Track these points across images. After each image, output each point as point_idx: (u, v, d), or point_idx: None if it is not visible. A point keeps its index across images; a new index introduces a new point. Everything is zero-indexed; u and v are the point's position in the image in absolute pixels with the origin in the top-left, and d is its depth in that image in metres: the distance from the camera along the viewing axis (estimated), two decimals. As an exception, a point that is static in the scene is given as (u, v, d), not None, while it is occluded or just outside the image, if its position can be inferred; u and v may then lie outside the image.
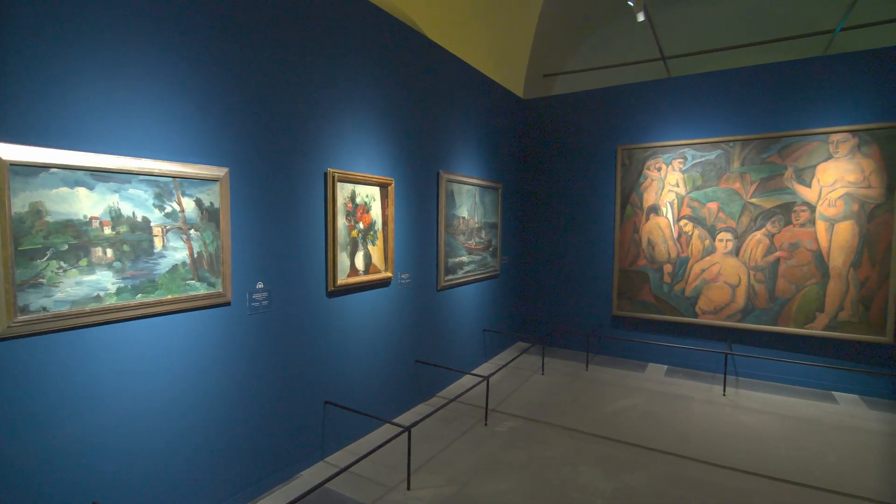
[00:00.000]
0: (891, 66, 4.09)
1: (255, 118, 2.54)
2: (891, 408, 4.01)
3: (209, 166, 2.29)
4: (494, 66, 5.39)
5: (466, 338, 4.78)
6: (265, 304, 2.61)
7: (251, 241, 2.54)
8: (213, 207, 2.31)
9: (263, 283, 2.60)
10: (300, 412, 2.87)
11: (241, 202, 2.48)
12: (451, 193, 4.32)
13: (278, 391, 2.73)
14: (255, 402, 2.59)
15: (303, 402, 2.89)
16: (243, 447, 2.54)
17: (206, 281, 2.30)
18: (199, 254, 2.27)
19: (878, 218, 4.08)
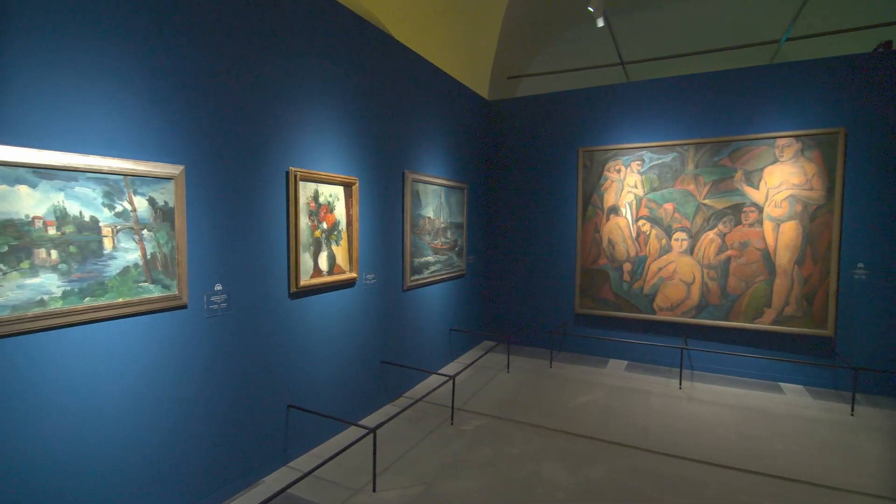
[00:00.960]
0: (831, 75, 4.35)
1: (213, 115, 2.46)
2: (832, 397, 4.28)
3: (163, 164, 2.20)
4: (460, 67, 5.43)
5: (433, 337, 4.78)
6: (224, 306, 2.54)
7: (209, 241, 2.46)
8: (167, 207, 2.23)
9: (222, 285, 2.53)
10: (262, 417, 2.81)
11: (198, 201, 2.40)
12: (416, 193, 4.31)
13: (239, 396, 2.65)
14: (215, 407, 2.52)
15: (265, 406, 2.82)
16: (202, 454, 2.45)
17: (160, 283, 2.21)
18: (153, 255, 2.18)
19: (820, 218, 4.35)
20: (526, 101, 5.83)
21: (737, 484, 2.86)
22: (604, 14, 4.35)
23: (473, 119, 5.60)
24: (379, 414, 3.80)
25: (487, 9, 5.46)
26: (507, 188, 5.93)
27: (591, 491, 2.76)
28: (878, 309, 4.25)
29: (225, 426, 2.57)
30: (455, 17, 5.44)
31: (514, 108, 5.88)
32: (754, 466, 3.06)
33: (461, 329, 5.36)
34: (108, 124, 2.02)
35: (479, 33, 5.60)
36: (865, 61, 4.28)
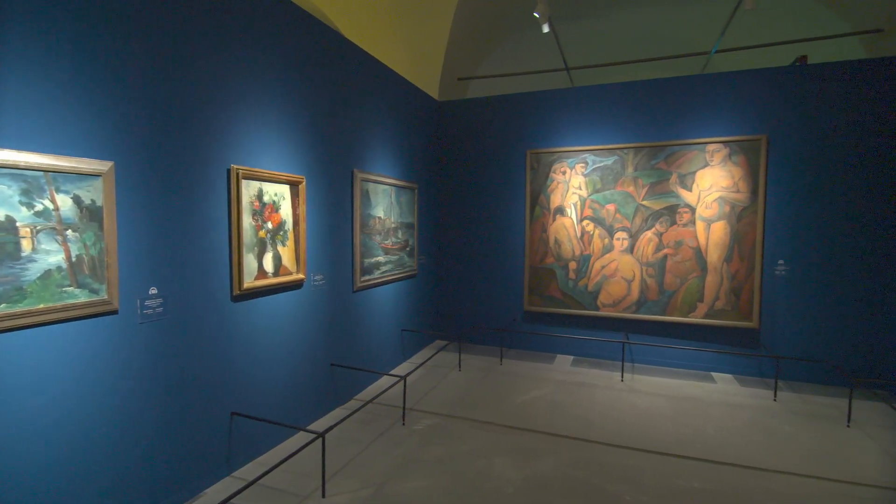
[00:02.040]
0: (755, 86, 4.70)
1: (146, 109, 2.33)
2: (758, 384, 4.62)
3: (89, 160, 2.06)
4: (410, 67, 5.43)
5: (384, 338, 4.75)
6: (160, 311, 2.41)
7: (142, 242, 2.33)
8: (94, 205, 2.09)
9: (157, 289, 2.40)
10: (203, 426, 2.69)
11: (130, 200, 2.26)
12: (366, 193, 4.27)
13: (177, 405, 2.52)
14: (151, 418, 2.38)
15: (206, 414, 2.70)
16: (136, 469, 2.32)
17: (87, 287, 2.07)
18: (79, 257, 2.04)
19: (746, 218, 4.68)
20: (476, 103, 5.91)
21: (672, 469, 3.03)
22: (549, 20, 4.47)
23: (424, 119, 5.62)
24: (329, 418, 3.74)
25: (437, 10, 5.49)
26: (458, 188, 5.99)
27: (539, 483, 2.84)
28: (797, 302, 4.63)
29: (161, 438, 2.44)
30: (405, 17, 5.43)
31: (464, 109, 5.95)
32: (688, 452, 3.25)
33: (413, 329, 5.36)
34: (26, 117, 1.87)
35: (429, 34, 5.62)
36: (784, 74, 4.65)
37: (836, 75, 4.47)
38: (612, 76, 7.18)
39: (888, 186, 4.34)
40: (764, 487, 2.82)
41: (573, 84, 7.41)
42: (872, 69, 4.38)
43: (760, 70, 4.72)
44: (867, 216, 4.41)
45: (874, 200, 4.39)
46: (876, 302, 4.41)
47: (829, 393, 4.35)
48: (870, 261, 4.42)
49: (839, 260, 4.50)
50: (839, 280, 4.50)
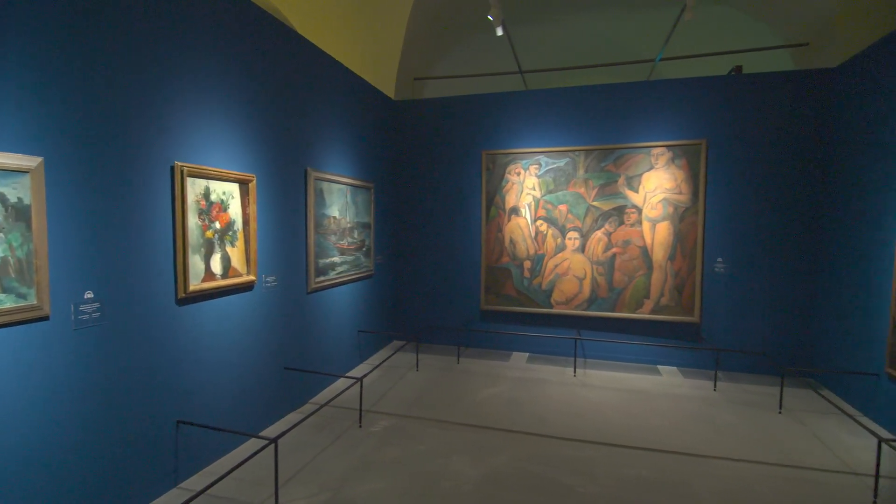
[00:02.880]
0: (695, 93, 4.96)
1: (81, 102, 2.19)
2: (699, 375, 4.88)
3: (14, 154, 1.92)
4: (366, 66, 5.37)
5: (340, 340, 4.68)
6: (96, 316, 2.27)
7: (77, 243, 2.19)
8: (21, 204, 1.94)
9: (94, 293, 2.26)
10: (146, 436, 2.55)
11: (62, 198, 2.12)
12: (320, 192, 4.19)
13: (118, 415, 2.39)
14: (89, 429, 2.24)
15: (149, 424, 2.57)
16: (76, 484, 2.17)
17: (13, 292, 1.93)
18: (4, 259, 1.89)
19: (687, 219, 4.94)
20: (432, 103, 5.92)
21: (622, 459, 3.15)
22: (502, 23, 4.55)
23: (380, 118, 5.57)
24: (282, 423, 3.64)
25: (393, 9, 5.47)
26: (415, 188, 5.98)
27: (495, 479, 2.89)
28: (734, 297, 4.93)
29: (100, 450, 2.30)
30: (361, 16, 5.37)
31: (420, 109, 5.95)
32: (636, 442, 3.40)
33: (370, 330, 5.31)
34: (-60, 107, 1.72)
35: (385, 33, 5.58)
36: (722, 82, 4.94)
37: (768, 84, 4.79)
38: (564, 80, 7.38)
39: (815, 189, 4.70)
40: (704, 472, 2.99)
41: (527, 87, 7.56)
42: (800, 80, 4.72)
43: (700, 78, 5.00)
44: (796, 217, 4.76)
45: (803, 202, 4.74)
46: (804, 297, 4.76)
47: (763, 382, 4.66)
48: (799, 259, 4.76)
49: (772, 258, 4.82)
50: (772, 277, 4.83)
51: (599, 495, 2.73)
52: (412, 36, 5.76)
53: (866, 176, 3.99)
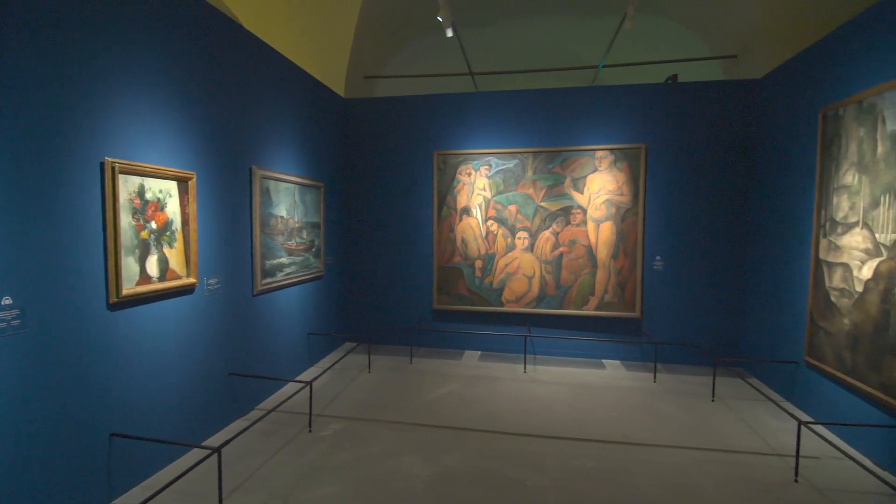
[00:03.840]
0: (635, 99, 5.21)
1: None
2: (641, 368, 5.12)
3: (-83, 148, 1.74)
4: (315, 63, 5.24)
5: (289, 343, 4.55)
6: (15, 323, 2.09)
7: (-9, 245, 2.01)
8: (-75, 202, 1.76)
9: (12, 299, 2.08)
10: (76, 451, 2.38)
11: (-27, 196, 1.94)
12: (266, 191, 4.06)
13: (43, 430, 2.21)
14: (10, 446, 2.05)
15: (79, 438, 2.40)
16: (-15, 508, 1.99)
17: (-85, 299, 1.74)
18: None
19: (629, 219, 5.18)
20: (383, 102, 5.88)
21: (570, 451, 3.26)
22: (452, 25, 4.58)
23: (329, 116, 5.47)
24: (227, 431, 3.50)
25: (342, 6, 5.37)
26: (366, 188, 5.91)
27: (447, 477, 2.91)
28: (672, 293, 5.21)
29: (23, 469, 2.12)
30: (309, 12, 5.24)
31: (371, 108, 5.89)
32: (583, 434, 3.52)
33: (320, 332, 5.20)
34: None
35: (335, 30, 5.48)
36: (659, 90, 5.21)
37: (700, 93, 5.11)
38: (512, 83, 7.53)
39: (743, 193, 5.05)
40: (645, 460, 3.14)
41: (477, 88, 7.65)
42: (728, 90, 5.06)
43: (639, 85, 5.25)
44: (727, 218, 5.09)
45: (732, 205, 5.08)
46: (734, 292, 5.11)
47: (698, 372, 4.96)
48: (729, 257, 5.10)
49: (705, 256, 5.14)
50: (705, 274, 5.15)
51: (547, 488, 2.81)
52: (362, 33, 5.70)
53: (786, 181, 4.33)
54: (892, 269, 2.94)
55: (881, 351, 3.01)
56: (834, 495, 2.75)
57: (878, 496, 2.73)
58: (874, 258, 3.09)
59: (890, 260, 2.96)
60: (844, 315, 3.37)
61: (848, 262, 3.35)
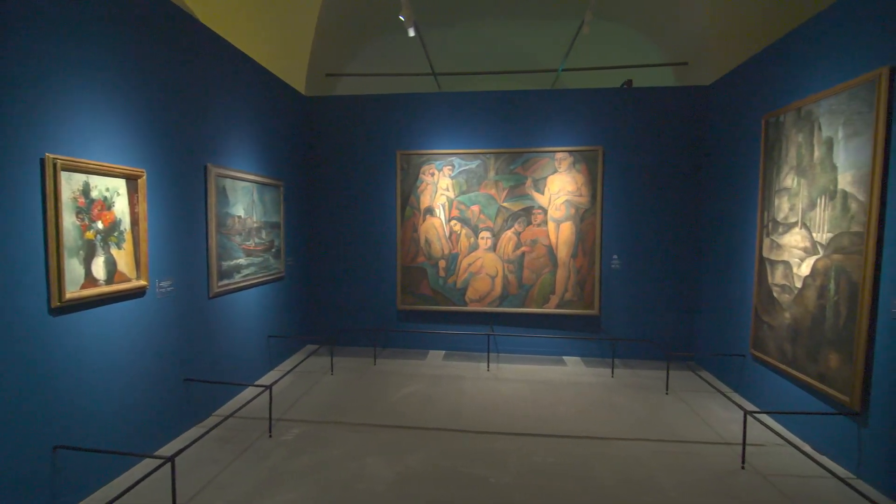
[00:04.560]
0: (593, 103, 5.36)
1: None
2: (600, 364, 5.27)
3: None
4: (274, 59, 5.11)
5: (248, 347, 4.43)
6: (-56, 331, 1.94)
7: (-85, 247, 1.86)
8: None
9: (-60, 304, 1.93)
10: (15, 466, 2.23)
11: None
12: (223, 190, 3.93)
13: (-28, 445, 2.06)
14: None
15: (18, 452, 2.25)
16: None
17: None
18: None
19: (587, 220, 5.32)
20: (346, 101, 5.80)
21: (532, 447, 3.32)
22: (414, 24, 4.58)
23: (290, 114, 5.35)
24: (182, 439, 3.37)
25: (303, 2, 5.27)
26: (328, 187, 5.82)
27: (410, 477, 2.91)
28: (628, 291, 5.39)
29: (-50, 487, 1.97)
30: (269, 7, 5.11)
31: (333, 106, 5.80)
32: (544, 430, 3.60)
33: (281, 335, 5.08)
34: None
35: (295, 26, 5.37)
36: (615, 94, 5.38)
37: (654, 98, 5.31)
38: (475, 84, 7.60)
39: (694, 195, 5.28)
40: (603, 454, 3.24)
41: (440, 89, 7.68)
42: (680, 95, 5.28)
43: (597, 89, 5.41)
44: (680, 219, 5.31)
45: (685, 206, 5.30)
46: (687, 289, 5.34)
47: (653, 367, 5.15)
48: (682, 256, 5.32)
49: (659, 255, 5.34)
50: (660, 272, 5.35)
51: (510, 484, 2.85)
52: (323, 31, 5.61)
53: (733, 183, 4.56)
54: (828, 266, 3.15)
55: (818, 343, 3.22)
56: (777, 480, 2.92)
57: (816, 479, 2.92)
58: (812, 256, 3.31)
59: (825, 258, 3.17)
60: (785, 310, 3.59)
61: (788, 259, 3.57)
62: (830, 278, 3.12)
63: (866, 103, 2.85)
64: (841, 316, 3.03)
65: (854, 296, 2.91)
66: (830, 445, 3.15)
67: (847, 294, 2.97)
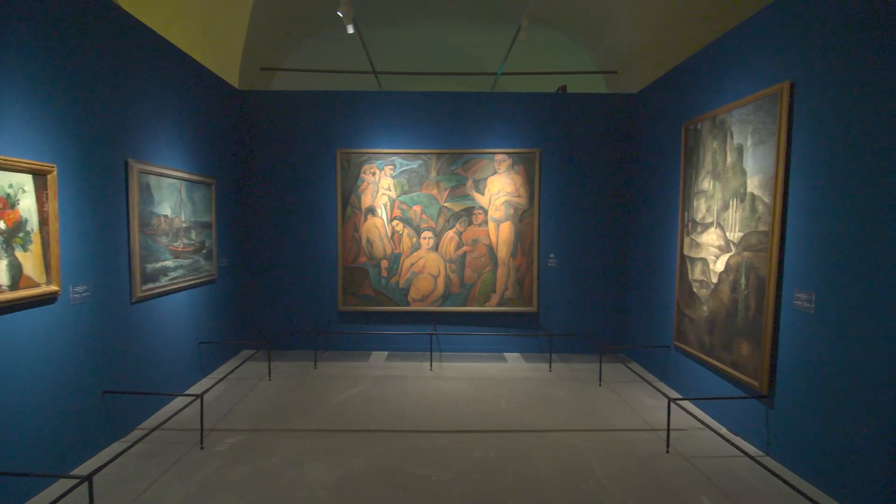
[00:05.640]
0: (530, 106, 5.53)
1: None
2: (538, 359, 5.45)
3: None
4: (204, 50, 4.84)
5: (177, 354, 4.18)
6: None
7: None
8: None
9: None
10: None
11: None
12: (146, 187, 3.68)
13: None
14: None
15: None
16: None
17: None
18: None
19: (525, 220, 5.49)
20: (282, 96, 5.61)
21: (473, 444, 3.38)
22: (353, 21, 4.52)
23: (222, 109, 5.10)
24: (102, 456, 3.12)
25: (234, -9, 5.03)
26: (264, 185, 5.61)
27: (352, 481, 2.87)
28: (564, 288, 5.62)
29: None
30: None
31: (269, 101, 5.59)
32: (485, 426, 3.67)
33: (214, 340, 4.83)
34: None
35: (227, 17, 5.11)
36: (551, 99, 5.59)
37: (587, 104, 5.56)
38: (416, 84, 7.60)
39: (624, 197, 5.58)
40: (542, 446, 3.36)
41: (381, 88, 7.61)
42: (610, 102, 5.57)
43: (534, 94, 5.59)
44: (611, 220, 5.60)
45: (616, 207, 5.59)
46: (618, 286, 5.64)
47: (587, 360, 5.39)
48: (614, 254, 5.62)
49: (592, 253, 5.61)
50: (593, 269, 5.62)
51: (451, 481, 2.89)
52: (258, 23, 5.39)
53: (657, 186, 4.87)
54: (739, 262, 3.45)
55: (732, 333, 3.52)
56: (698, 461, 3.15)
57: (731, 458, 3.18)
58: (725, 253, 3.60)
59: (737, 255, 3.47)
60: (703, 303, 3.88)
61: (706, 257, 3.86)
62: (741, 274, 3.42)
63: (770, 114, 3.15)
64: (751, 308, 3.32)
65: (761, 289, 3.20)
66: (744, 427, 3.45)
67: (756, 288, 3.27)
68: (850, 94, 2.61)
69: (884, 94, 2.42)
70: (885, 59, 2.42)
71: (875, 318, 2.44)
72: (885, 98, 2.42)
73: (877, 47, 2.47)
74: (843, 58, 2.67)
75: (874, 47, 2.49)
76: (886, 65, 2.41)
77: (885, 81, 2.42)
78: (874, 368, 2.44)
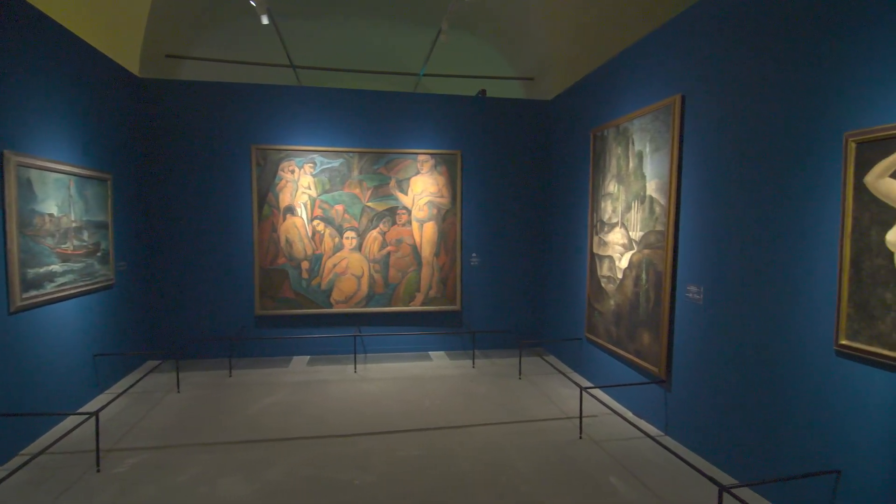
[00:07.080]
0: (452, 108, 5.62)
1: None
2: (462, 356, 5.57)
3: None
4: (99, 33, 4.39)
5: (68, 369, 3.76)
6: None
7: None
8: None
9: None
10: None
11: None
12: (27, 182, 3.28)
13: None
14: None
15: None
16: None
17: None
18: None
19: (448, 219, 5.58)
20: (190, 86, 5.23)
21: (397, 443, 3.39)
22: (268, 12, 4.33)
23: (120, 98, 4.65)
24: (-29, 489, 2.74)
25: (131, -30, 4.61)
26: (171, 182, 5.19)
27: (270, 493, 2.76)
28: (486, 286, 5.79)
29: None
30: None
31: (175, 91, 5.18)
32: (409, 425, 3.69)
33: (111, 352, 4.40)
34: None
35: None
36: (471, 102, 5.73)
37: (505, 108, 5.77)
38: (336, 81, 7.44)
39: (541, 199, 5.85)
40: (464, 440, 3.44)
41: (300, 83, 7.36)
42: (527, 107, 5.82)
43: (455, 96, 5.70)
44: (529, 221, 5.85)
45: (533, 209, 5.85)
46: (536, 284, 5.91)
47: (508, 355, 5.60)
48: (532, 254, 5.88)
49: (512, 252, 5.83)
50: (513, 267, 5.84)
51: (375, 483, 2.87)
52: (161, 6, 4.98)
53: (570, 188, 5.17)
54: (640, 259, 3.76)
55: (635, 324, 3.83)
56: (608, 445, 3.40)
57: (636, 440, 3.46)
58: (629, 251, 3.91)
59: (638, 252, 3.78)
60: (611, 297, 4.19)
61: (612, 254, 4.17)
62: (643, 269, 3.73)
63: (665, 124, 3.46)
64: (650, 301, 3.64)
65: (659, 283, 3.52)
66: (647, 410, 3.77)
67: (654, 282, 3.58)
68: (732, 108, 2.95)
69: (758, 109, 2.77)
70: (760, 77, 2.77)
71: (751, 307, 2.78)
72: (759, 112, 2.76)
73: (755, 66, 2.81)
74: (725, 74, 3.01)
75: (752, 66, 2.83)
76: (761, 82, 2.75)
77: (759, 97, 2.76)
78: (747, 352, 2.78)
